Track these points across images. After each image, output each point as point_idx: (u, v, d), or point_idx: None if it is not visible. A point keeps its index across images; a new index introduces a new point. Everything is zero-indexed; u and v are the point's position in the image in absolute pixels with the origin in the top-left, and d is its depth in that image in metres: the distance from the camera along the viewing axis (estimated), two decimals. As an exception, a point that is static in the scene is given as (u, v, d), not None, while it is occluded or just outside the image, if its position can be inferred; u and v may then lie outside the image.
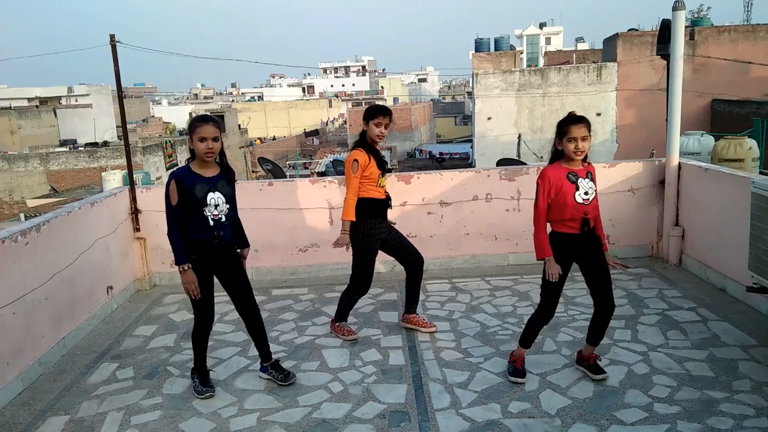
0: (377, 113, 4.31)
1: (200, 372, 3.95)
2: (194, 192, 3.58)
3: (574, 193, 3.60)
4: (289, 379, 3.95)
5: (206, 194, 3.61)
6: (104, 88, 45.45)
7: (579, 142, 3.56)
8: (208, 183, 3.63)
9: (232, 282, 3.88)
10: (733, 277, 5.03)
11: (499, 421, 3.42)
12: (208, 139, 3.56)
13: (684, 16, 5.84)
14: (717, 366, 3.91)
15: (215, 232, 3.68)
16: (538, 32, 46.97)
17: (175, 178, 3.63)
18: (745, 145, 7.85)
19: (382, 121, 4.31)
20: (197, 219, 3.63)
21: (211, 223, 3.65)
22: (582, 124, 3.58)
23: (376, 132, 4.32)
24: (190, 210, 3.62)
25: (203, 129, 3.56)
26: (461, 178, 6.12)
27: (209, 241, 3.68)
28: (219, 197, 3.66)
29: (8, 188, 27.05)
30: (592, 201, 3.66)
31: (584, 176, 3.65)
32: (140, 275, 6.12)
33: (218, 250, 3.74)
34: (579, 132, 3.55)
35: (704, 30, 20.59)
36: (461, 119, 53.95)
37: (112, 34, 6.05)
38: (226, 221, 3.71)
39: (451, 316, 4.96)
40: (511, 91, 21.33)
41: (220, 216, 3.67)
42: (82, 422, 3.66)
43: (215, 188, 3.65)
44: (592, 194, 3.66)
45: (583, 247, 3.73)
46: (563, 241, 3.69)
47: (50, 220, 4.69)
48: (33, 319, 4.32)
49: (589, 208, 3.65)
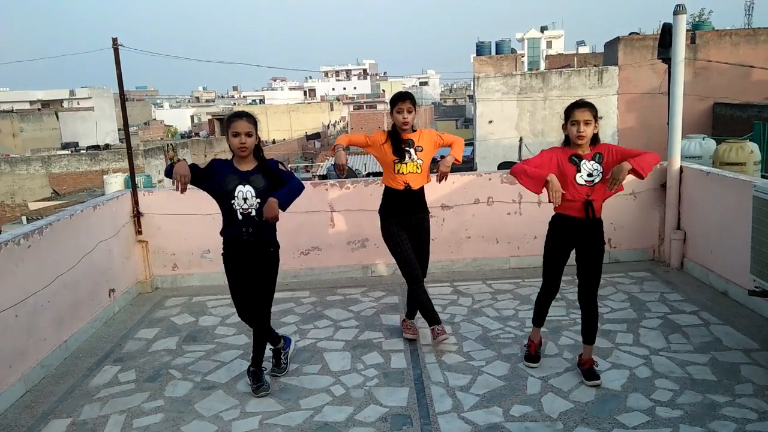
0: (396, 101, 4.18)
1: (255, 365, 3.99)
2: (224, 182, 3.66)
3: (575, 175, 3.64)
4: (259, 390, 3.86)
5: (235, 186, 3.64)
6: (106, 91, 45.57)
7: (581, 126, 3.59)
8: (240, 176, 3.67)
9: (254, 284, 3.83)
10: (735, 281, 5.03)
11: (501, 425, 3.42)
12: (241, 134, 3.63)
13: (685, 20, 5.86)
14: (719, 370, 3.90)
15: (244, 228, 3.68)
16: (539, 36, 47.03)
17: (213, 160, 3.80)
18: (747, 149, 7.86)
19: (402, 107, 4.14)
20: (227, 212, 3.70)
21: (240, 217, 3.66)
22: (585, 109, 3.61)
23: (400, 120, 4.16)
24: (220, 201, 3.72)
25: (236, 124, 3.64)
26: (462, 181, 6.13)
27: (239, 236, 3.70)
28: (249, 191, 3.65)
29: (10, 191, 27.10)
30: (597, 185, 3.63)
31: (590, 158, 3.65)
32: (142, 278, 6.13)
33: (249, 246, 3.71)
34: (581, 116, 3.59)
35: (705, 34, 20.61)
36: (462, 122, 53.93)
37: (115, 38, 6.07)
38: (257, 216, 3.68)
39: (452, 320, 4.96)
40: (512, 95, 21.34)
41: (250, 210, 3.67)
42: (84, 425, 3.66)
43: (247, 182, 3.66)
44: (598, 177, 3.63)
45: (584, 236, 3.74)
46: (564, 223, 3.74)
47: (53, 223, 4.70)
48: (35, 321, 4.33)
49: (596, 190, 3.64)
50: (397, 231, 4.27)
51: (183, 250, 6.20)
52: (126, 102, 6.43)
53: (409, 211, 4.29)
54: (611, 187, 3.57)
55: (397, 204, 4.26)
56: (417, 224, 4.33)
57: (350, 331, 4.84)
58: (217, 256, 6.12)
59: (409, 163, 4.20)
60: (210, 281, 6.23)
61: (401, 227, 4.28)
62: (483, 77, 21.75)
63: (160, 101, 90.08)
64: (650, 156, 3.61)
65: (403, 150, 4.19)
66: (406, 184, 4.21)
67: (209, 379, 4.16)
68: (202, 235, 6.11)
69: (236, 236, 3.70)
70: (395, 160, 4.19)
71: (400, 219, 4.27)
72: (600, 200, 3.69)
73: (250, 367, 4.04)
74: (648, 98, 19.31)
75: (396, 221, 4.28)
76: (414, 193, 4.26)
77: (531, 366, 4.03)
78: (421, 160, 4.24)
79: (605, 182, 3.62)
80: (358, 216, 6.10)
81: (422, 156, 4.25)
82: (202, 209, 6.04)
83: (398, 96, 4.22)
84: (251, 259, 3.75)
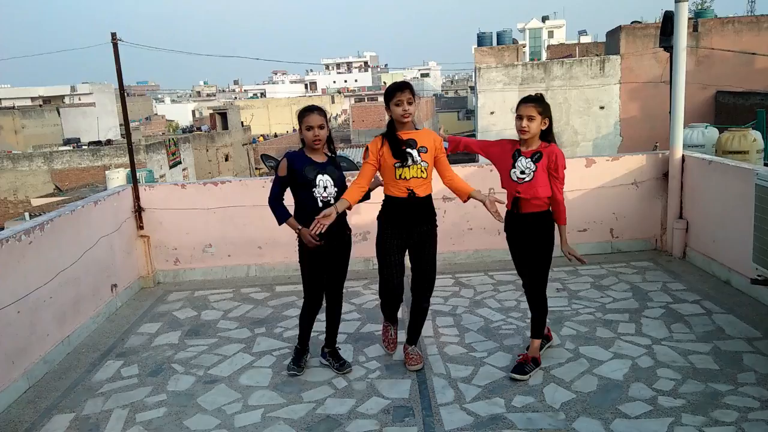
0: (393, 92, 3.64)
1: (297, 350, 4.12)
2: (304, 172, 3.74)
3: (510, 170, 3.70)
4: (344, 368, 4.04)
5: (316, 175, 3.75)
6: (107, 86, 45.52)
7: (524, 120, 3.61)
8: (317, 166, 3.78)
9: (332, 266, 3.94)
10: (738, 270, 5.01)
11: (503, 416, 3.42)
12: (314, 127, 3.74)
13: (687, 8, 5.81)
14: (721, 359, 3.90)
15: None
16: (540, 26, 46.84)
17: (287, 156, 3.87)
18: (750, 137, 7.83)
19: (402, 98, 3.61)
20: (307, 200, 3.76)
21: (320, 205, 3.74)
22: (530, 104, 3.62)
23: (399, 112, 3.63)
24: (300, 190, 3.79)
25: (310, 118, 3.75)
26: (464, 173, 6.10)
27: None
28: (328, 179, 3.78)
29: (12, 187, 27.15)
30: (526, 183, 3.64)
31: (528, 156, 3.65)
32: (144, 273, 6.14)
33: (331, 232, 3.72)
34: (525, 110, 3.61)
35: (708, 21, 20.45)
36: (464, 114, 53.79)
37: (113, 33, 6.05)
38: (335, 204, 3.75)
39: (454, 311, 4.96)
40: (514, 85, 21.24)
41: (329, 198, 3.77)
42: (87, 420, 3.67)
43: (324, 171, 3.79)
44: (529, 176, 3.63)
45: (516, 230, 3.80)
46: (506, 214, 3.84)
47: (53, 219, 4.71)
48: (38, 317, 4.34)
49: (523, 189, 3.66)
50: (391, 247, 3.79)
51: (185, 245, 6.21)
52: (127, 97, 6.42)
53: (412, 221, 3.75)
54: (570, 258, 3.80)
55: (400, 212, 3.73)
56: (421, 239, 3.80)
57: (352, 323, 4.85)
58: (223, 250, 6.16)
59: (412, 166, 3.65)
60: (212, 275, 6.24)
61: (400, 243, 3.80)
62: (484, 68, 21.66)
63: (162, 96, 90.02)
64: (561, 204, 3.73)
65: (404, 152, 3.65)
66: (409, 190, 3.68)
67: (212, 373, 4.17)
68: (204, 229, 6.12)
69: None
70: (396, 163, 3.66)
71: (401, 230, 3.76)
72: (530, 198, 3.66)
73: (324, 348, 4.16)
74: (651, 87, 19.21)
75: (396, 232, 3.77)
76: (419, 201, 3.71)
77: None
78: (426, 162, 3.69)
79: (540, 183, 3.63)
80: (359, 209, 6.08)
81: (427, 158, 3.70)
82: (203, 204, 6.05)
83: (396, 86, 3.68)
84: (334, 242, 3.83)
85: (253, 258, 6.23)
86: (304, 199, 3.79)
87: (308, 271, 3.91)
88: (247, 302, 5.51)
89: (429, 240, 3.84)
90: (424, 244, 3.83)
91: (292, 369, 4.06)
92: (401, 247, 3.83)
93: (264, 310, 5.28)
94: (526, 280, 3.90)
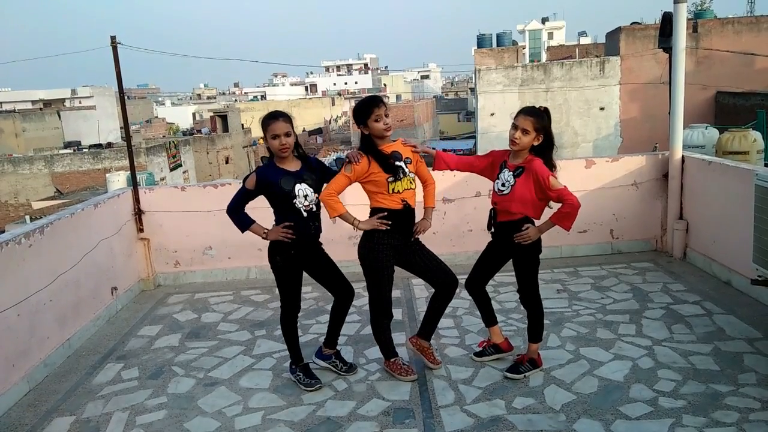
0: (370, 107, 3.56)
1: (297, 363, 3.94)
2: (281, 184, 3.61)
3: (495, 181, 3.71)
4: (352, 370, 4.00)
5: (293, 186, 3.62)
6: (108, 89, 45.56)
7: (517, 131, 3.57)
8: (293, 176, 3.64)
9: (324, 272, 3.91)
10: (738, 270, 5.01)
11: (504, 417, 3.42)
12: (280, 136, 3.57)
13: (686, 9, 5.81)
14: (722, 359, 3.89)
15: (311, 224, 3.71)
16: (540, 27, 46.86)
17: (257, 172, 3.68)
18: (750, 138, 7.83)
19: (379, 113, 3.56)
20: (291, 213, 3.65)
21: (305, 215, 3.66)
22: (528, 117, 3.56)
23: (381, 127, 3.57)
24: (281, 204, 3.66)
25: (275, 126, 3.57)
26: (464, 174, 6.09)
27: (307, 232, 3.71)
28: (306, 188, 3.66)
29: (13, 191, 27.18)
30: (503, 195, 3.62)
31: (512, 169, 3.64)
32: (144, 276, 6.14)
33: (315, 240, 3.73)
34: (520, 122, 3.58)
35: (707, 22, 20.47)
36: (464, 115, 53.85)
37: (113, 36, 6.06)
38: (318, 211, 3.73)
39: (454, 313, 4.95)
40: (513, 87, 21.26)
41: (311, 206, 3.69)
42: (87, 423, 3.67)
43: (302, 180, 3.65)
44: (507, 189, 3.61)
45: (498, 239, 3.78)
46: (488, 220, 3.82)
47: (53, 222, 4.71)
48: (38, 320, 4.34)
49: (499, 200, 3.65)
50: (388, 260, 3.72)
51: (185, 248, 6.21)
52: (127, 100, 6.43)
53: (408, 231, 3.75)
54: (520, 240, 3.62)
55: (396, 222, 3.67)
56: (416, 245, 3.83)
57: (352, 325, 4.84)
58: (223, 252, 6.16)
59: (403, 179, 3.65)
60: (212, 278, 6.24)
61: (395, 256, 3.75)
62: (484, 70, 21.68)
63: (162, 99, 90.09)
64: (567, 206, 3.48)
65: (395, 166, 3.62)
66: (404, 202, 3.67)
67: (212, 376, 4.17)
68: (204, 232, 6.12)
69: (306, 234, 3.71)
70: (389, 178, 3.61)
71: (397, 241, 3.70)
72: (505, 211, 3.63)
73: (323, 348, 4.08)
74: (651, 88, 19.21)
75: (391, 243, 3.69)
76: (412, 211, 3.74)
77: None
78: (413, 173, 3.74)
79: (516, 198, 3.56)
80: (358, 210, 6.07)
81: (413, 169, 3.74)
82: (203, 206, 6.05)
83: (370, 102, 3.60)
84: (316, 250, 3.84)
85: (253, 260, 6.23)
86: (286, 211, 3.65)
87: (283, 275, 3.76)
88: (247, 304, 5.51)
89: (420, 243, 3.88)
90: (421, 247, 3.87)
91: (310, 385, 3.83)
92: (394, 259, 3.77)
93: (264, 313, 5.28)
94: (519, 286, 3.84)
